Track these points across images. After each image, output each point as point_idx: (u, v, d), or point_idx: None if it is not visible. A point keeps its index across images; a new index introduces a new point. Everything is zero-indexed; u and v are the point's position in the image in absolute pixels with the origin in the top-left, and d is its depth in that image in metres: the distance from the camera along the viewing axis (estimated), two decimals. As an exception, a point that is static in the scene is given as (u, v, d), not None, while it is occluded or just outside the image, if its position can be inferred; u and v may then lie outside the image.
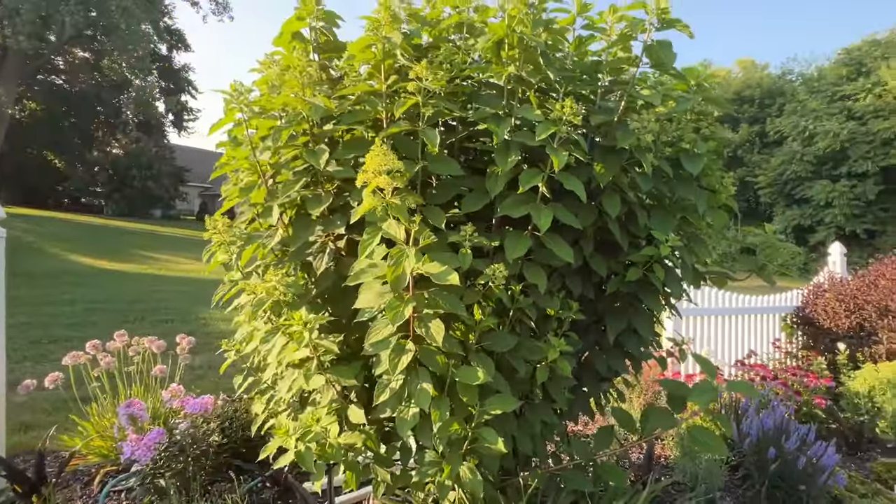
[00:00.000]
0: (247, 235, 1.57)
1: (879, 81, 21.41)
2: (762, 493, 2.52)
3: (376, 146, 1.27)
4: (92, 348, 2.90)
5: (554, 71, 1.38)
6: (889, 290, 4.25)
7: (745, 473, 2.70)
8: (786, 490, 2.49)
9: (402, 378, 1.32)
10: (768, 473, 2.50)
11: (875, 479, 2.88)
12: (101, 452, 2.60)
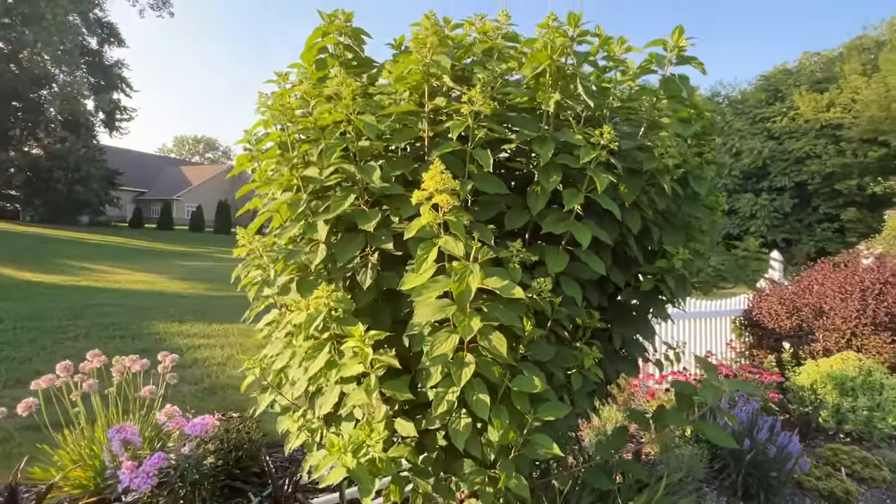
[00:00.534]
0: (287, 251, 1.54)
1: (793, 106, 24.05)
2: (738, 480, 2.78)
3: (435, 165, 1.32)
4: (63, 370, 2.67)
5: (593, 99, 1.50)
6: (822, 294, 4.79)
7: (722, 465, 2.95)
8: (758, 477, 2.75)
9: (457, 390, 1.36)
10: (744, 463, 2.76)
11: (825, 462, 3.24)
12: (79, 483, 2.39)
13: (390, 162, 1.55)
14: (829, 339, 4.48)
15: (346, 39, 1.83)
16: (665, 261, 1.78)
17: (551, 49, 1.46)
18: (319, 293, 1.39)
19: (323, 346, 1.46)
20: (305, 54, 1.79)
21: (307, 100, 1.67)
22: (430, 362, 1.34)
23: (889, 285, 4.48)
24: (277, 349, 1.71)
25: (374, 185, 1.45)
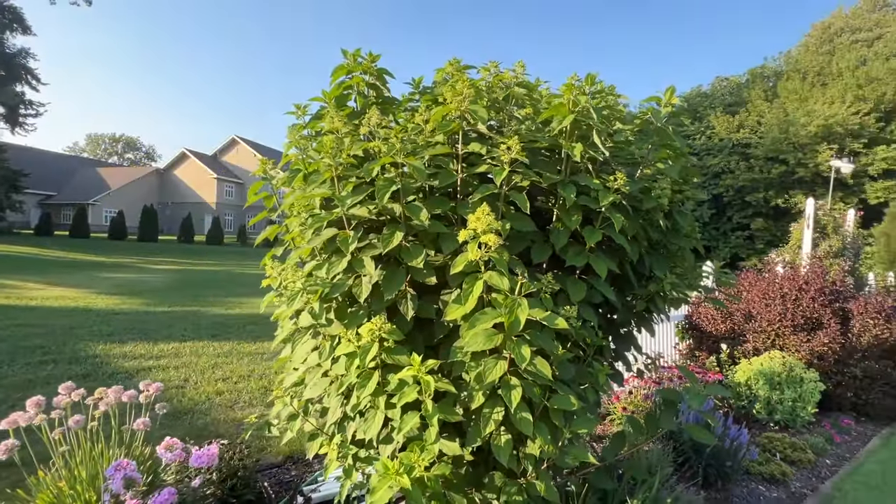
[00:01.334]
0: (332, 284, 1.61)
1: (710, 125, 26.79)
2: (700, 471, 3.14)
3: (483, 208, 1.47)
4: (33, 406, 2.47)
5: (606, 148, 1.72)
6: (750, 300, 5.46)
7: (684, 458, 3.31)
8: (716, 467, 3.13)
9: (501, 410, 1.51)
10: (704, 455, 3.13)
11: (763, 449, 3.73)
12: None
13: (429, 201, 1.67)
14: (758, 339, 5.12)
15: (372, 79, 1.93)
16: (655, 284, 2.05)
17: (572, 104, 1.67)
18: (372, 325, 1.48)
19: (370, 374, 1.55)
20: (334, 91, 1.87)
21: (340, 137, 1.75)
22: (478, 387, 1.48)
23: (803, 291, 5.22)
24: (315, 377, 1.76)
25: (420, 224, 1.57)
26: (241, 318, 9.44)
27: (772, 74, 30.89)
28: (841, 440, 4.14)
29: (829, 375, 4.72)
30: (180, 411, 4.71)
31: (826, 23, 39.03)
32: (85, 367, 5.85)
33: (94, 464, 2.39)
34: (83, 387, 5.22)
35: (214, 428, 4.19)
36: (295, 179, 1.97)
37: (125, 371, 5.68)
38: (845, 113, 22.58)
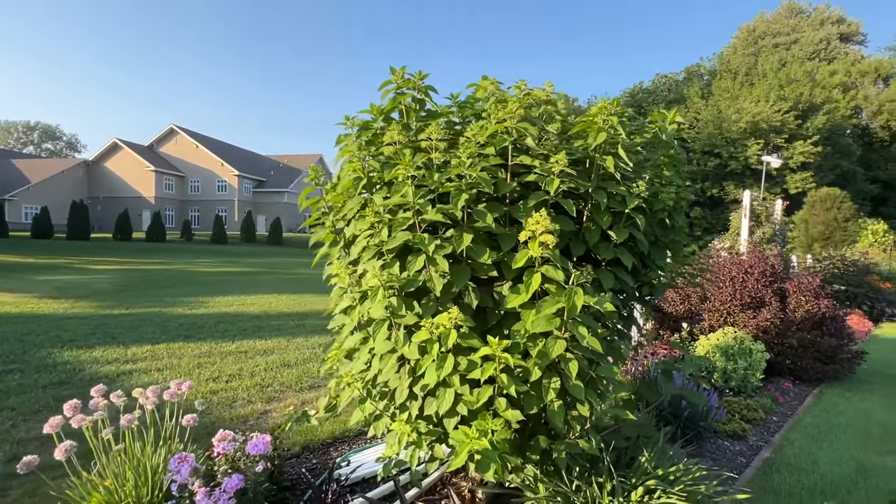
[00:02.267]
0: (407, 280, 1.83)
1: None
2: (678, 432, 3.64)
3: (542, 212, 1.75)
4: (71, 409, 2.49)
5: (630, 160, 2.04)
6: (705, 283, 6.14)
7: (665, 423, 3.80)
8: (692, 428, 3.64)
9: (558, 381, 1.81)
10: (682, 418, 3.62)
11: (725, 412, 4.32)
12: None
13: (490, 206, 1.92)
14: (713, 318, 5.80)
15: (420, 94, 2.15)
16: (654, 272, 2.43)
17: (605, 123, 1.98)
18: (450, 315, 1.73)
19: (445, 357, 1.79)
20: (389, 105, 2.07)
21: (400, 149, 1.96)
22: (540, 362, 1.77)
23: (748, 275, 5.95)
24: (387, 364, 1.97)
25: (485, 226, 1.82)
26: (208, 318, 9.20)
27: (706, 73, 33.34)
28: (783, 400, 4.85)
29: (772, 346, 5.46)
30: (185, 411, 4.67)
31: (751, 25, 42.47)
32: (58, 374, 5.58)
33: (138, 461, 2.46)
34: (62, 394, 5.08)
35: (221, 425, 4.22)
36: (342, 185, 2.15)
37: (104, 376, 5.49)
38: (769, 111, 24.91)
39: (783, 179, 25.16)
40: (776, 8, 41.87)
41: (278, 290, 13.66)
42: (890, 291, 10.94)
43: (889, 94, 32.11)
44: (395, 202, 1.89)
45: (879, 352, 7.33)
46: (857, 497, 3.03)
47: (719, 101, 26.19)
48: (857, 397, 5.10)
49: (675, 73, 36.23)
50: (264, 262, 24.60)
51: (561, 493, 2.15)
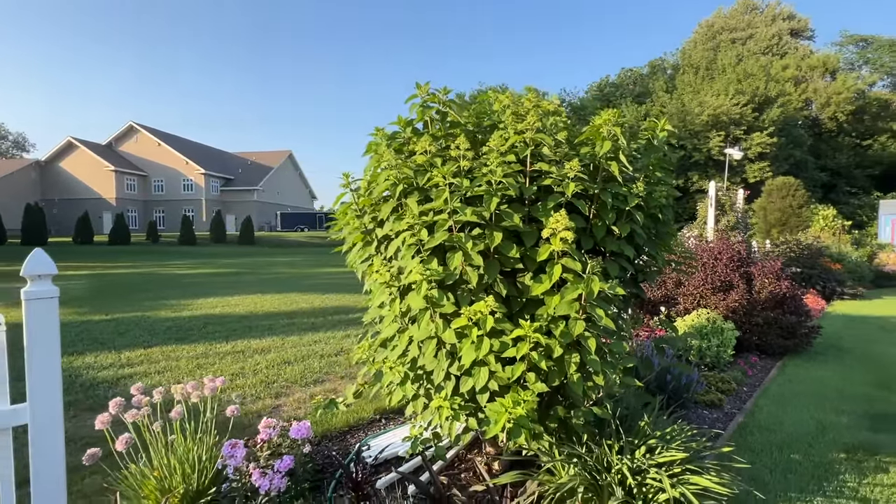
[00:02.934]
0: (446, 274, 2.09)
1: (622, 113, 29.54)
2: (664, 402, 4.04)
3: (562, 213, 2.04)
4: (115, 406, 2.64)
5: (629, 165, 2.35)
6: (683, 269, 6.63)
7: (652, 394, 4.20)
8: (675, 399, 4.05)
9: (578, 356, 2.11)
10: (667, 390, 4.03)
11: (702, 384, 4.78)
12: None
13: (513, 207, 2.19)
14: (687, 300, 6.30)
15: (444, 108, 2.40)
16: (650, 261, 2.77)
17: (609, 133, 2.28)
18: (488, 301, 2.00)
19: (482, 339, 2.06)
20: (419, 117, 2.31)
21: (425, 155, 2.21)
22: (563, 340, 2.07)
23: (717, 260, 6.47)
24: (427, 349, 2.22)
25: (512, 225, 2.10)
26: (195, 320, 9.16)
27: (670, 67, 34.61)
28: (752, 373, 5.37)
29: (741, 325, 5.99)
30: (197, 411, 4.78)
31: (710, 21, 44.18)
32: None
33: (187, 450, 2.63)
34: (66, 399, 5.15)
35: (238, 420, 4.37)
36: (377, 190, 2.39)
37: (104, 381, 5.51)
38: (729, 104, 26.19)
39: (743, 169, 26.63)
40: (732, 4, 43.74)
41: (261, 290, 13.58)
42: (840, 272, 11.90)
43: (835, 87, 34.23)
44: (437, 206, 2.14)
45: (832, 327, 8.06)
46: (817, 449, 3.50)
47: (683, 95, 27.42)
48: (815, 367, 5.68)
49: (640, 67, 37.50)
50: (240, 263, 24.16)
51: (575, 455, 2.47)
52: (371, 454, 3.25)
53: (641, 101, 30.29)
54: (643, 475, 2.39)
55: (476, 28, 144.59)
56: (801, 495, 2.87)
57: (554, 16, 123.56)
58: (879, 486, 3.02)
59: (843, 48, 40.32)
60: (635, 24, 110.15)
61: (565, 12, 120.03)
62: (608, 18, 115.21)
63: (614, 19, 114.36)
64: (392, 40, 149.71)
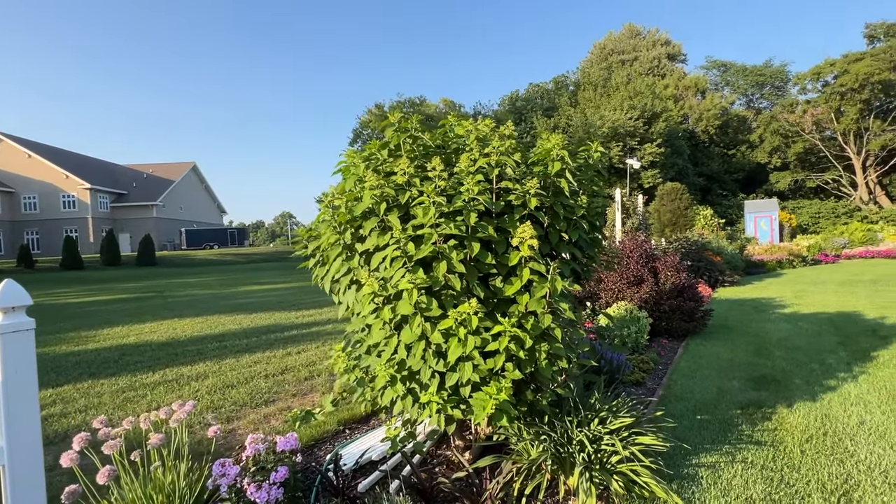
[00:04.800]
0: (432, 280, 2.33)
1: (534, 126, 31.73)
2: (601, 384, 4.61)
3: (527, 225, 2.40)
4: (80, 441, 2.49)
5: (574, 181, 2.78)
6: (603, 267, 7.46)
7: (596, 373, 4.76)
8: (609, 379, 4.64)
9: (547, 346, 2.47)
10: (604, 372, 4.61)
11: (627, 367, 5.48)
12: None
13: (484, 219, 2.51)
14: (608, 295, 7.11)
15: (417, 133, 2.66)
16: (590, 262, 3.26)
17: (560, 155, 2.70)
18: (471, 304, 2.29)
19: (467, 337, 2.34)
20: (394, 140, 2.55)
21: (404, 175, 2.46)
22: (534, 332, 2.41)
23: (629, 258, 7.39)
24: (417, 350, 2.44)
25: (487, 235, 2.41)
26: (107, 352, 8.36)
27: (572, 83, 37.83)
28: (664, 353, 6.24)
29: (651, 313, 6.91)
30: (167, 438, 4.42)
31: (602, 43, 49.06)
32: None
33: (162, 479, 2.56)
34: None
35: (198, 448, 4.17)
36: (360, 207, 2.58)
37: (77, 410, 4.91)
38: (624, 118, 29.33)
39: (639, 176, 30.01)
40: (620, 29, 49.06)
41: (176, 314, 12.56)
42: (720, 263, 13.97)
43: (705, 105, 39.93)
44: (426, 221, 2.38)
45: (719, 309, 9.51)
46: (720, 409, 4.25)
47: (585, 109, 30.25)
48: (710, 344, 6.74)
49: (546, 82, 40.57)
50: (143, 286, 21.90)
51: (542, 433, 2.84)
52: (347, 461, 3.36)
53: (550, 115, 32.80)
54: (598, 443, 2.82)
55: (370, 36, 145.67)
56: (713, 445, 3.52)
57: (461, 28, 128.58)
58: (766, 430, 3.79)
59: (708, 71, 47.10)
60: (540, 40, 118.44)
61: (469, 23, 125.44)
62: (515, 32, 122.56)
63: (520, 34, 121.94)
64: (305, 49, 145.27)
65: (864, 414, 4.06)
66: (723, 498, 2.82)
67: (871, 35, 35.84)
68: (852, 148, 34.54)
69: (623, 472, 2.74)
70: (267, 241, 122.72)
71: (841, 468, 3.15)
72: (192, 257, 41.44)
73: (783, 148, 37.19)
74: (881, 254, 21.94)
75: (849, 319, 8.34)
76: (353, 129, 40.18)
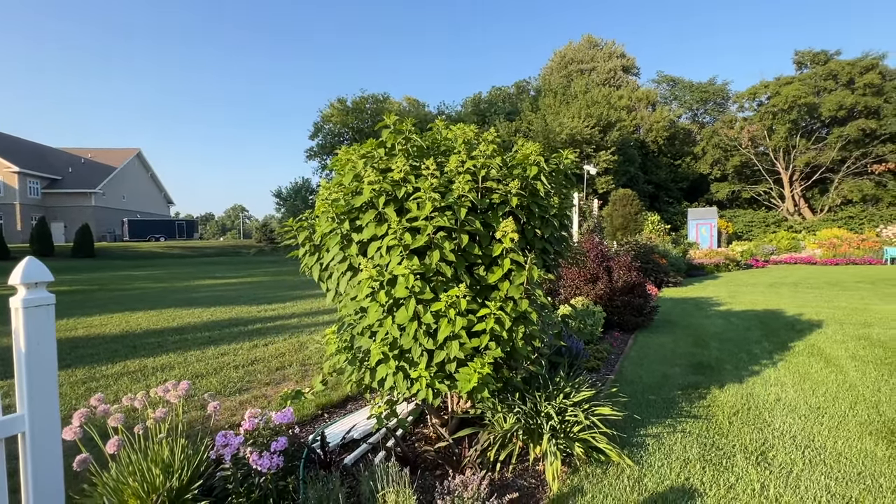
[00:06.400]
0: (426, 267, 2.61)
1: (498, 129, 32.42)
2: (566, 362, 5.06)
3: (509, 220, 2.74)
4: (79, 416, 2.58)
5: (549, 182, 3.15)
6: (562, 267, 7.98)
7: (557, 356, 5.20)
8: (570, 364, 5.10)
9: (524, 328, 2.82)
10: (565, 358, 5.05)
11: (583, 356, 5.98)
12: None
13: (471, 214, 2.81)
14: (567, 291, 7.64)
15: (410, 135, 2.94)
16: (558, 256, 3.65)
17: (537, 161, 3.05)
18: (460, 289, 2.59)
19: (455, 318, 2.64)
20: (389, 140, 2.81)
21: (401, 172, 2.74)
22: (513, 315, 2.75)
23: (586, 257, 7.97)
24: (410, 330, 2.71)
25: (475, 229, 2.72)
26: (85, 341, 8.07)
27: (533, 89, 39.03)
28: (616, 344, 6.83)
29: (605, 307, 7.51)
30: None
31: (562, 52, 50.79)
32: None
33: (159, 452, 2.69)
34: None
35: (202, 422, 4.22)
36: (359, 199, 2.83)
37: None
38: (581, 126, 30.64)
39: (594, 182, 31.51)
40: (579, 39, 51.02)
41: (127, 308, 12.05)
42: (666, 265, 15.09)
43: (655, 117, 42.41)
44: (421, 214, 2.66)
45: (664, 307, 10.37)
46: (664, 391, 4.81)
47: (546, 115, 31.40)
48: (656, 336, 7.42)
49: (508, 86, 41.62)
50: (84, 279, 20.58)
51: (515, 406, 3.20)
52: (332, 440, 3.57)
53: (511, 119, 33.73)
54: (564, 414, 3.21)
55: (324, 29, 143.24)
56: (658, 419, 4.03)
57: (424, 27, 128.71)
58: (701, 407, 4.35)
59: (659, 85, 49.98)
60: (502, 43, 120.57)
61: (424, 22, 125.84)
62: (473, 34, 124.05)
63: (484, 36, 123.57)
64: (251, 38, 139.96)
65: (780, 392, 4.73)
66: (665, 459, 3.29)
67: (799, 61, 39.42)
68: (781, 163, 37.87)
69: (584, 440, 3.15)
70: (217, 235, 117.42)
71: (759, 435, 3.72)
72: (136, 249, 39.17)
73: (723, 160, 40.17)
74: (802, 260, 24.34)
75: (773, 316, 9.37)
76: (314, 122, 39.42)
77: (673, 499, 2.81)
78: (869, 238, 26.61)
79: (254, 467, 2.54)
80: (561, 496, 2.82)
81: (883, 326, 8.05)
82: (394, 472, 2.60)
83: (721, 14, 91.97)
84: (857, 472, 3.13)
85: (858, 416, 4.09)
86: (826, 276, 17.73)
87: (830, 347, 6.63)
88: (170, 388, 3.03)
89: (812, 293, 12.96)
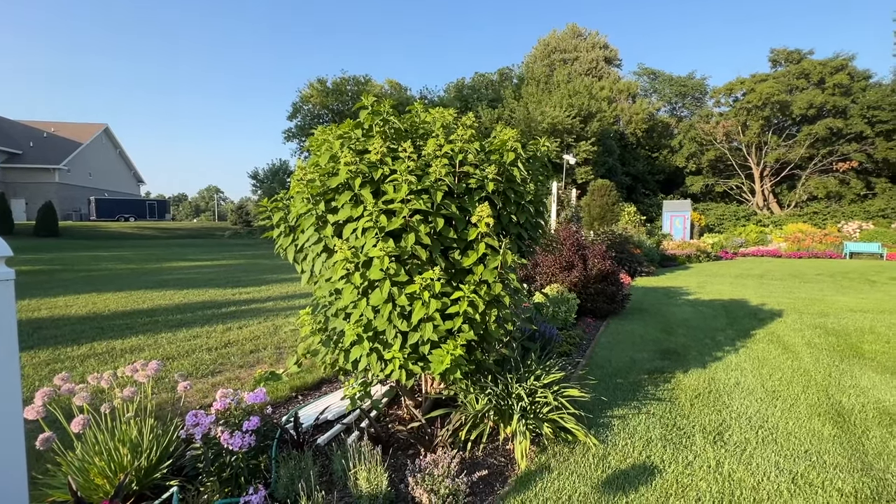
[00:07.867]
0: (402, 250, 2.62)
1: (480, 116, 32.24)
2: (538, 346, 5.18)
3: (485, 205, 2.76)
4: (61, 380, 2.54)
5: (526, 169, 3.18)
6: (536, 255, 8.09)
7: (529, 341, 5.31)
8: (543, 349, 5.22)
9: (496, 311, 2.87)
10: (539, 342, 5.17)
11: (556, 341, 6.13)
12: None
13: (447, 198, 2.83)
14: (543, 278, 7.77)
15: (389, 117, 2.91)
16: (533, 242, 3.72)
17: (514, 147, 3.08)
18: (435, 272, 2.61)
19: (429, 301, 2.67)
20: (367, 121, 2.79)
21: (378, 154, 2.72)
22: (487, 298, 2.80)
23: (562, 245, 8.10)
24: (384, 312, 2.73)
25: (451, 213, 2.73)
26: (49, 322, 7.82)
27: (516, 77, 38.88)
28: (588, 330, 7.01)
29: (579, 294, 7.67)
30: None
31: (546, 40, 50.66)
32: None
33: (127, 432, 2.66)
34: None
35: (172, 404, 4.16)
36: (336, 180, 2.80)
37: None
38: (563, 115, 30.77)
39: (574, 171, 31.84)
40: (564, 28, 50.95)
41: (95, 288, 11.67)
42: (640, 255, 15.47)
43: (635, 109, 42.94)
44: (397, 196, 2.65)
45: (636, 295, 10.67)
46: (632, 375, 4.98)
47: (528, 104, 31.41)
48: (627, 323, 7.65)
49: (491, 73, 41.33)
50: (47, 259, 19.77)
51: (487, 388, 3.27)
52: (305, 421, 3.59)
53: (494, 106, 33.60)
54: (534, 395, 3.31)
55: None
56: (624, 402, 4.18)
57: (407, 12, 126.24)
58: (666, 390, 4.54)
59: (640, 77, 50.50)
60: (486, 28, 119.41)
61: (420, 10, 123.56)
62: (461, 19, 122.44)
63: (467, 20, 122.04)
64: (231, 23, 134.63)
65: (740, 377, 4.97)
66: (629, 439, 3.43)
67: (774, 59, 40.39)
68: (753, 159, 39.00)
69: (553, 420, 3.25)
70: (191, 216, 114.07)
71: (718, 416, 3.91)
72: (104, 229, 37.74)
73: (698, 154, 41.09)
74: (769, 252, 25.29)
75: (738, 305, 9.76)
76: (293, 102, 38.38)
77: (634, 475, 2.95)
78: (831, 233, 27.83)
79: (225, 446, 2.54)
80: (529, 473, 2.92)
81: (837, 317, 8.49)
82: (366, 450, 2.64)
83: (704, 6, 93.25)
84: (805, 450, 3.33)
85: (809, 399, 4.33)
86: (789, 269, 18.51)
87: (788, 335, 6.96)
88: (138, 367, 2.98)
89: (775, 284, 13.51)
